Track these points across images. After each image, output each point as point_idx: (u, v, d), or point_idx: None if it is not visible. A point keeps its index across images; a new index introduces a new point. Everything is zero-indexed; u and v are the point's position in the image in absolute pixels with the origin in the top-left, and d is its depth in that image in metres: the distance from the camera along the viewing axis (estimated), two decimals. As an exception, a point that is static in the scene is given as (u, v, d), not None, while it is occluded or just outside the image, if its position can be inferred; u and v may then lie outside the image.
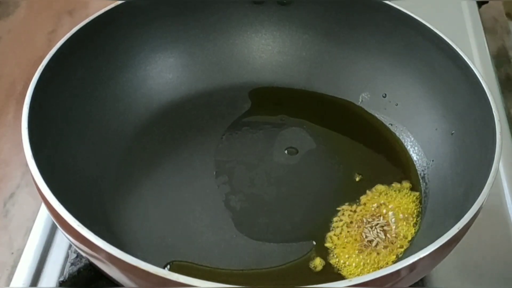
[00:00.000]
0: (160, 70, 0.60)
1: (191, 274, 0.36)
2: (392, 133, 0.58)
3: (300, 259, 0.49)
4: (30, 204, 0.60)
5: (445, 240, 0.40)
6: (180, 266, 0.48)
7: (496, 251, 0.54)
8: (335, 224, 0.51)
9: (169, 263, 0.48)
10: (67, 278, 0.49)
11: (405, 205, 0.52)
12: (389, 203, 0.53)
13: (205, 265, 0.48)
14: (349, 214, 0.52)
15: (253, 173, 0.55)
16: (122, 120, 0.57)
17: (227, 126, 0.59)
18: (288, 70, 0.63)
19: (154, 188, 0.54)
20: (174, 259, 0.48)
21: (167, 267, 0.48)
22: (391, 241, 0.50)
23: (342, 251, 0.49)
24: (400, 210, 0.52)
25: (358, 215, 0.52)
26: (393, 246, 0.50)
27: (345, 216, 0.52)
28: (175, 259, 0.48)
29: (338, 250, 0.49)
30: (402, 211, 0.52)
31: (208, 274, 0.47)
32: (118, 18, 0.57)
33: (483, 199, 0.42)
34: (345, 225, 0.51)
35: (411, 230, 0.51)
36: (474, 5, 0.82)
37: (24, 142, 0.44)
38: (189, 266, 0.48)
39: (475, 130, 0.51)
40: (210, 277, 0.42)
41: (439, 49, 0.54)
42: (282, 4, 0.62)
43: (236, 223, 0.51)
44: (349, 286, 0.37)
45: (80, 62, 0.54)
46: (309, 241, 0.50)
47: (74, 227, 0.39)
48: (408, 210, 0.52)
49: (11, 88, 0.72)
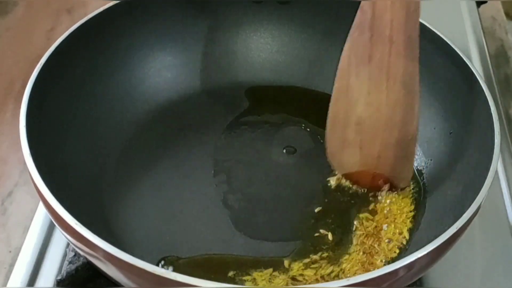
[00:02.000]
0: (159, 69, 0.60)
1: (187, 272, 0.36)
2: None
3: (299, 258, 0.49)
4: (28, 203, 0.59)
5: (443, 240, 0.40)
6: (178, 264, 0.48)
7: (494, 251, 0.54)
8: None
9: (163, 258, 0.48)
10: (65, 277, 0.49)
11: (403, 204, 0.52)
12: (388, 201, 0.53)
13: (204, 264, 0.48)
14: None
15: (252, 172, 0.55)
16: (120, 118, 0.57)
17: (226, 125, 0.59)
18: (287, 69, 0.63)
19: (152, 187, 0.54)
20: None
21: (161, 262, 0.48)
22: (390, 240, 0.50)
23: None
24: (398, 209, 0.52)
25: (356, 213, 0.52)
26: (391, 245, 0.49)
27: (344, 215, 0.52)
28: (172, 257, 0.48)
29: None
30: (401, 210, 0.52)
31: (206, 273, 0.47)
32: (117, 17, 0.57)
33: (481, 199, 0.42)
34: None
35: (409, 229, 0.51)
36: (473, 5, 0.82)
37: (22, 140, 0.44)
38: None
39: (474, 129, 0.51)
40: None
41: (438, 49, 0.54)
42: (281, 3, 0.62)
43: (234, 222, 0.51)
44: (347, 286, 0.37)
45: (78, 61, 0.54)
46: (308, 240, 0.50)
47: (72, 225, 0.39)
48: (406, 209, 0.52)
49: (10, 86, 0.72)
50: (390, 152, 0.51)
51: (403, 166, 0.52)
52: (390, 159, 0.51)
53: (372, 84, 0.49)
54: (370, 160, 0.52)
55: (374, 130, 0.51)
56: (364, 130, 0.51)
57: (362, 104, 0.50)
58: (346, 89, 0.50)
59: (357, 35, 0.48)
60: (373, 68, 0.48)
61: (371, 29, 0.47)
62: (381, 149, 0.51)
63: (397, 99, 0.49)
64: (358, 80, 0.49)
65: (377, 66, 0.48)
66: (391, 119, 0.50)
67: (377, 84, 0.49)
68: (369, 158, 0.52)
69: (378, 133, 0.51)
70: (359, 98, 0.50)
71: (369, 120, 0.50)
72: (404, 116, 0.50)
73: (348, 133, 0.51)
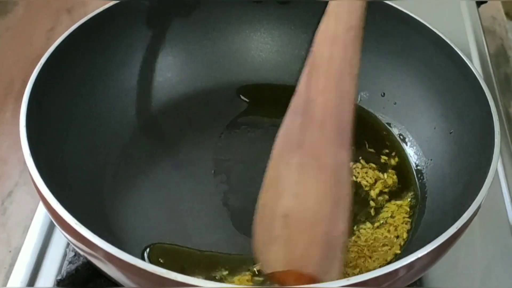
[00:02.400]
0: (159, 69, 0.60)
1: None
2: (391, 132, 0.58)
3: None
4: (28, 202, 0.59)
5: (443, 240, 0.40)
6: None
7: (494, 251, 0.54)
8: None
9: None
10: (65, 277, 0.49)
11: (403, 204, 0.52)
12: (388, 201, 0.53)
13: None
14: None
15: (252, 172, 0.55)
16: (120, 118, 0.57)
17: (226, 125, 0.59)
18: (286, 68, 0.63)
19: (152, 187, 0.54)
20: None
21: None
22: (389, 240, 0.50)
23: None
24: (398, 209, 0.52)
25: (356, 213, 0.52)
26: (391, 245, 0.49)
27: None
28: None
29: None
30: (400, 209, 0.52)
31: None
32: (117, 17, 0.57)
33: (481, 199, 0.42)
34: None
35: (409, 229, 0.51)
36: (473, 5, 0.82)
37: (22, 140, 0.44)
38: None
39: (474, 129, 0.51)
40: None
41: (438, 49, 0.54)
42: (281, 3, 0.62)
43: (235, 221, 0.51)
44: (347, 286, 0.37)
45: (78, 60, 0.54)
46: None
47: (72, 225, 0.39)
48: (406, 208, 0.52)
49: (10, 86, 0.72)
50: (317, 250, 0.45)
51: (330, 266, 0.44)
52: (316, 258, 0.44)
53: (301, 172, 0.45)
54: (295, 258, 0.45)
55: (301, 224, 0.45)
56: (291, 223, 0.45)
57: (290, 195, 0.45)
58: (276, 178, 0.46)
59: (289, 120, 0.46)
60: (303, 155, 0.45)
61: (303, 113, 0.45)
62: (307, 246, 0.45)
63: (326, 190, 0.45)
64: (287, 168, 0.45)
65: (307, 154, 0.45)
66: (318, 213, 0.45)
67: (305, 173, 0.45)
68: (294, 255, 0.45)
69: (305, 228, 0.45)
70: (288, 188, 0.45)
71: (296, 212, 0.45)
72: (332, 209, 0.45)
73: (275, 227, 0.45)
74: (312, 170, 0.45)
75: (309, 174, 0.45)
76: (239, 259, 0.48)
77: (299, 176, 0.45)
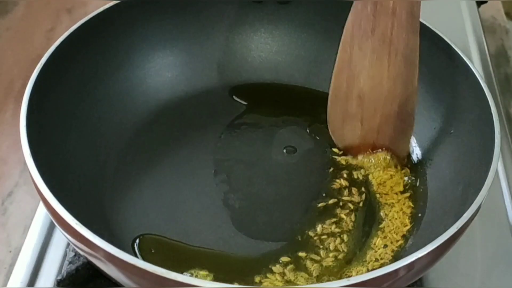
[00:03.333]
0: (159, 69, 0.60)
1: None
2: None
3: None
4: (28, 202, 0.59)
5: (443, 240, 0.40)
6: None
7: (494, 251, 0.54)
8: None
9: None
10: (65, 277, 0.49)
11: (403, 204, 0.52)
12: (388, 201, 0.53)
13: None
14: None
15: (252, 172, 0.55)
16: (120, 118, 0.57)
17: (226, 125, 0.59)
18: (286, 68, 0.63)
19: (152, 187, 0.54)
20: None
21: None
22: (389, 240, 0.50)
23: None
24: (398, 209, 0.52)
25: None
26: (391, 245, 0.49)
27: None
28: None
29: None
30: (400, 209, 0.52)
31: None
32: (117, 17, 0.57)
33: (481, 199, 0.42)
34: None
35: (409, 229, 0.51)
36: (473, 5, 0.82)
37: (22, 140, 0.44)
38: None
39: (474, 129, 0.51)
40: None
41: (438, 49, 0.54)
42: (281, 3, 0.62)
43: (235, 221, 0.51)
44: (347, 286, 0.37)
45: (78, 60, 0.54)
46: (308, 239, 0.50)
47: (72, 225, 0.39)
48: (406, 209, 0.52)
49: (10, 86, 0.72)
50: (390, 125, 0.52)
51: (402, 138, 0.53)
52: (389, 132, 0.52)
53: (374, 57, 0.49)
54: (370, 133, 0.53)
55: (375, 103, 0.51)
56: (366, 103, 0.52)
57: (364, 77, 0.50)
58: (348, 61, 0.50)
59: (360, 7, 0.49)
60: (375, 40, 0.49)
61: (375, 1, 0.48)
62: (382, 122, 0.52)
63: (398, 72, 0.50)
64: (360, 52, 0.50)
65: (379, 39, 0.49)
66: (392, 93, 0.50)
67: (379, 57, 0.49)
68: (370, 131, 0.53)
69: (379, 106, 0.51)
70: (361, 71, 0.50)
71: (370, 93, 0.51)
72: (404, 89, 0.50)
73: (349, 106, 0.52)
74: (385, 54, 0.49)
75: (382, 58, 0.49)
76: (239, 259, 0.48)
77: (372, 60, 0.50)
